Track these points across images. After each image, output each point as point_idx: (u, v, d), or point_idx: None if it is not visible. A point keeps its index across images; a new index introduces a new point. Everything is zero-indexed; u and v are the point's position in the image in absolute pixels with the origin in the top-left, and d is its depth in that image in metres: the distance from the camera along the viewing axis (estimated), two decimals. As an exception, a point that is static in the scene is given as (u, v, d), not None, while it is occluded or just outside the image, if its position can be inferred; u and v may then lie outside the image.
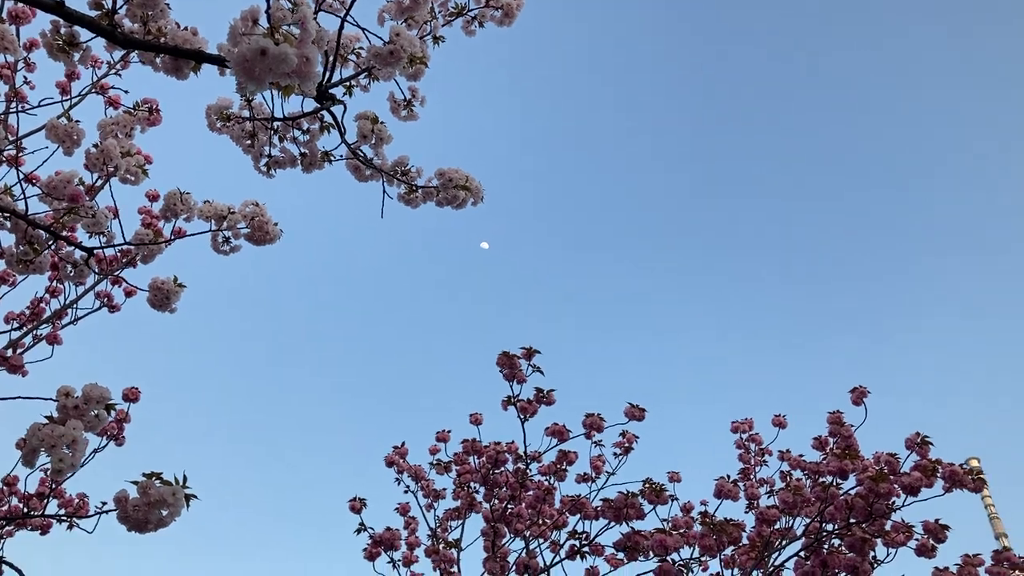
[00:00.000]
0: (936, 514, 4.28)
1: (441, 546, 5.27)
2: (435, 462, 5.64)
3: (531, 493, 5.04)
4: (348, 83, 2.84)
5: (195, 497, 2.13)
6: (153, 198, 4.77)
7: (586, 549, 4.86)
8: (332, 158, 3.09)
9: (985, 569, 4.53)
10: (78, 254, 3.15)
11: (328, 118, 2.89)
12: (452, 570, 5.11)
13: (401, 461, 5.80)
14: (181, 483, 2.09)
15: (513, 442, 5.33)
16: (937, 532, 4.05)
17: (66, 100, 4.41)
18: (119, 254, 4.39)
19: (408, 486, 5.77)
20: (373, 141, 2.96)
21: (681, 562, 4.16)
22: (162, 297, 2.97)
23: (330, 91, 2.74)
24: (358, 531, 5.22)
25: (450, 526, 5.66)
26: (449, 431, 5.62)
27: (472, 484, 5.30)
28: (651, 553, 3.98)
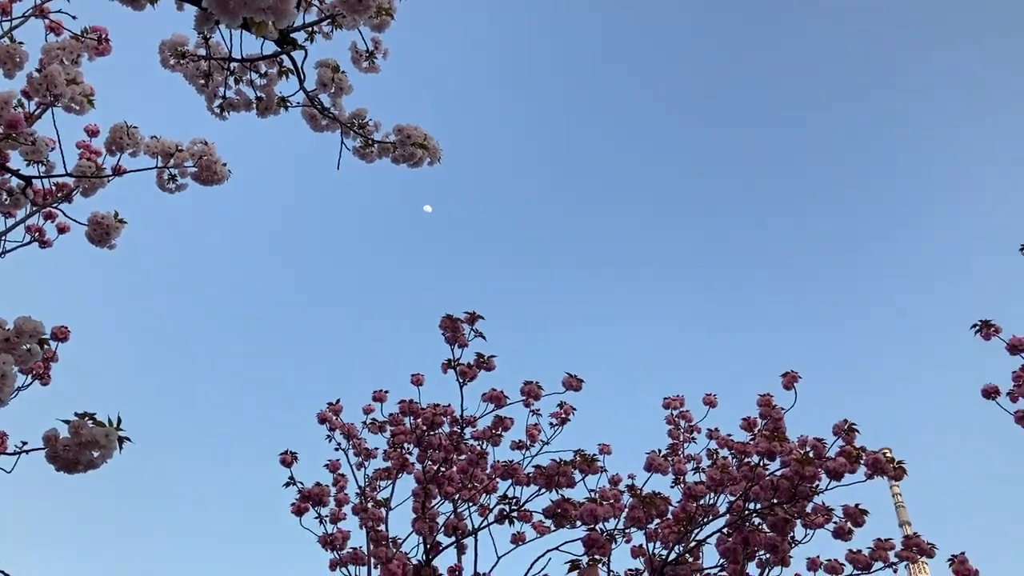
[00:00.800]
0: (845, 500, 4.43)
1: (370, 504, 5.26)
2: (369, 421, 5.61)
3: (464, 457, 5.06)
4: (311, 28, 2.76)
5: (128, 440, 2.08)
6: (93, 133, 4.60)
7: (514, 514, 4.91)
8: (288, 104, 3.01)
9: (895, 553, 4.72)
10: (15, 182, 3.03)
11: (287, 63, 2.81)
12: (380, 528, 5.11)
13: (334, 418, 5.76)
14: (115, 425, 2.04)
15: (450, 405, 5.34)
16: (856, 516, 4.19)
17: (5, 20, 4.20)
18: (55, 187, 4.23)
19: (340, 444, 5.73)
20: (332, 90, 2.89)
21: (607, 533, 4.22)
22: (102, 232, 2.87)
23: (291, 35, 2.67)
24: (287, 484, 5.18)
25: (379, 485, 5.65)
26: (386, 391, 5.59)
27: (406, 445, 5.29)
28: (580, 521, 4.03)
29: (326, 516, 5.32)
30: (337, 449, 5.75)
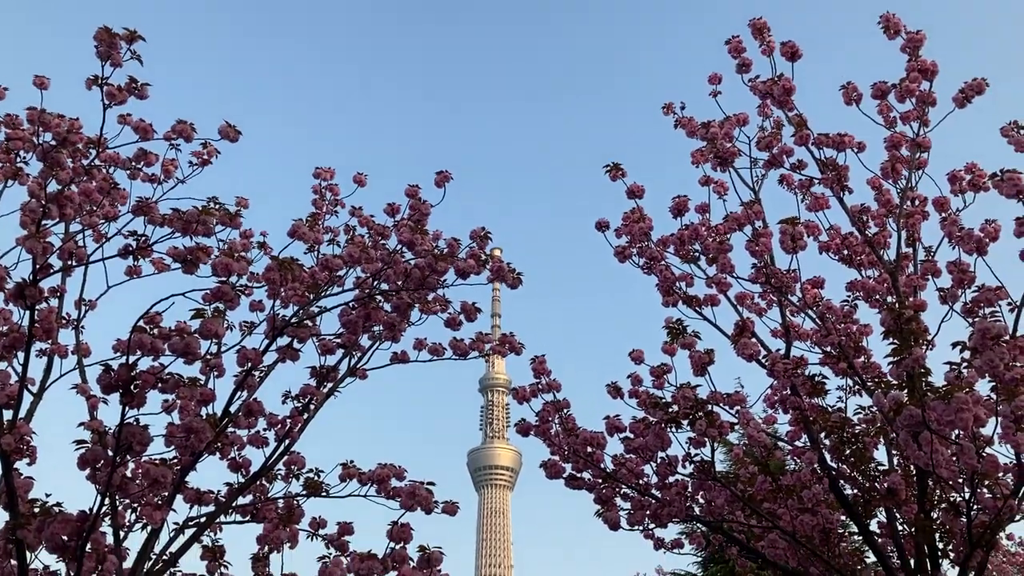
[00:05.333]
0: (461, 296, 4.93)
1: (-35, 208, 4.68)
2: (-21, 116, 4.89)
3: (93, 183, 4.66)
4: None
5: None
6: None
7: (137, 249, 4.71)
8: None
9: (491, 346, 5.39)
10: None
11: None
12: (-25, 238, 4.60)
13: (-71, 102, 4.93)
14: None
15: (78, 118, 4.84)
16: (470, 312, 4.70)
17: None
18: None
19: (-69, 131, 4.95)
20: None
21: (236, 287, 4.25)
22: None
23: None
24: None
25: (-22, 189, 5.03)
26: (5, 88, 4.88)
27: (22, 153, 4.73)
28: (212, 272, 4.01)
29: (-99, 209, 4.67)
30: (-74, 137, 4.99)
